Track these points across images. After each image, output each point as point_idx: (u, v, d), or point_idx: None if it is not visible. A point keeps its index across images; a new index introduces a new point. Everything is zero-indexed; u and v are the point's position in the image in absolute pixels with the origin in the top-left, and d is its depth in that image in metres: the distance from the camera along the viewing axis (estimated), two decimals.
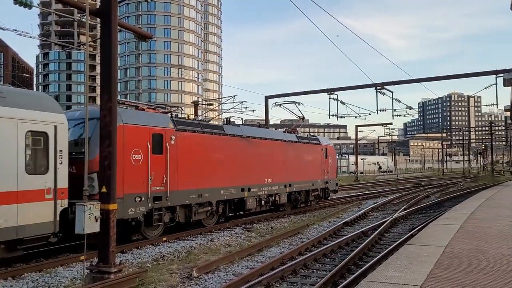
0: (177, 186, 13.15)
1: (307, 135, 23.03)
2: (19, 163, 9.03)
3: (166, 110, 14.33)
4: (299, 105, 22.91)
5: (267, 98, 33.83)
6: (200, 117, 16.68)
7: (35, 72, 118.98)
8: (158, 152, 12.60)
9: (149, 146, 12.22)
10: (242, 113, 38.10)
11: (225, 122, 17.26)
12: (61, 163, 9.81)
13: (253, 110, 38.35)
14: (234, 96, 32.94)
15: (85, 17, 8.38)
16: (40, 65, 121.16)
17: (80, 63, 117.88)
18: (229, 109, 33.43)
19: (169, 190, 12.82)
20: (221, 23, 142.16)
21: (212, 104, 41.83)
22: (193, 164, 13.90)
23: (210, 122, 17.22)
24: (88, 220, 7.60)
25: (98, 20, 8.87)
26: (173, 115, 14.21)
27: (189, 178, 13.69)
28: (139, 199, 11.85)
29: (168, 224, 13.28)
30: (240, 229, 15.28)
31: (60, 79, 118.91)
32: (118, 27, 9.10)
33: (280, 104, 22.87)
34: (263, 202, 17.56)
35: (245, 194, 16.34)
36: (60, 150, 9.83)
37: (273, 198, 18.25)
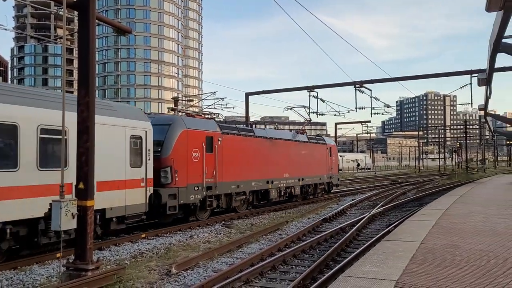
0: (222, 178, 16.36)
1: (315, 136, 26.29)
2: (126, 159, 12.19)
3: (210, 116, 17.51)
4: (308, 109, 26.94)
5: (247, 94, 33.83)
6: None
7: (9, 66, 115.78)
8: (209, 151, 15.75)
9: (203, 146, 15.41)
10: (222, 110, 37.98)
11: (250, 125, 21.12)
12: (149, 159, 13.05)
13: (234, 107, 38.26)
14: (214, 92, 32.83)
15: (62, 9, 8.21)
16: (15, 59, 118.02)
17: (57, 57, 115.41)
18: (210, 105, 33.36)
19: (217, 181, 16.05)
20: (201, 18, 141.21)
21: (192, 100, 41.61)
22: (233, 160, 17.08)
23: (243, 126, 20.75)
24: (65, 217, 7.47)
25: (76, 13, 8.69)
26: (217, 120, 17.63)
27: (230, 172, 16.89)
28: (197, 188, 15.00)
29: (214, 209, 16.24)
30: (220, 226, 15.27)
31: (36, 73, 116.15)
32: (97, 20, 8.95)
33: (291, 108, 25.19)
34: (282, 193, 20.67)
35: (269, 186, 19.52)
36: (148, 150, 13.03)
37: (290, 190, 21.34)
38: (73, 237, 9.07)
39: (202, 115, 17.27)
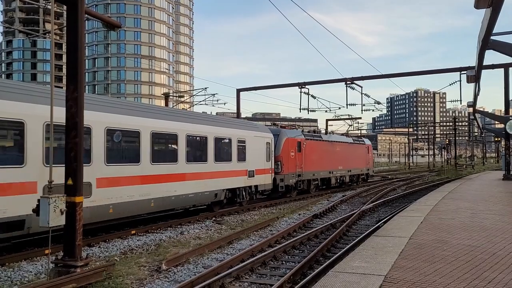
0: (306, 169, 24.19)
1: (356, 137, 36.03)
2: (264, 156, 20.05)
3: (296, 127, 26.45)
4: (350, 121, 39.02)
5: (238, 91, 33.75)
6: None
7: None
8: (299, 151, 23.45)
9: (296, 148, 23.19)
10: (213, 106, 37.82)
11: (319, 132, 29.36)
12: (272, 156, 20.85)
13: (225, 103, 38.29)
14: (205, 88, 32.76)
15: (50, 4, 8.09)
16: (3, 53, 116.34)
17: (46, 51, 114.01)
18: (201, 101, 33.22)
19: (303, 171, 23.84)
20: (192, 14, 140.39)
21: (183, 96, 41.38)
22: (311, 157, 24.86)
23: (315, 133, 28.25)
24: (53, 213, 7.39)
25: (65, 7, 8.58)
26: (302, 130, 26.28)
27: (309, 165, 24.67)
28: (293, 175, 22.72)
29: (301, 190, 24.08)
30: (211, 222, 15.26)
31: (24, 68, 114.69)
32: (86, 15, 8.85)
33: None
34: (337, 181, 28.85)
35: (330, 175, 27.65)
36: (272, 150, 21.01)
37: (342, 178, 29.58)
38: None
39: (295, 127, 26.19)
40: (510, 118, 20.16)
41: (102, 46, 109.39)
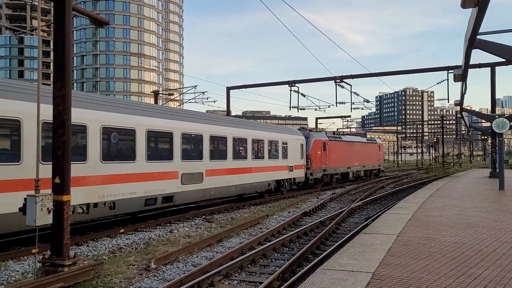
0: (329, 165, 29.16)
1: (368, 137, 42.79)
2: (300, 155, 24.93)
3: (320, 130, 32.40)
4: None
5: (228, 89, 33.67)
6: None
7: None
8: (324, 150, 28.20)
9: (322, 148, 27.94)
10: (203, 104, 37.79)
11: (333, 132, 36.03)
12: (304, 155, 25.54)
13: (215, 101, 38.01)
14: (195, 86, 32.61)
15: (37, 0, 7.99)
16: None
17: (33, 49, 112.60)
18: (190, 99, 33.11)
19: (327, 167, 28.75)
20: (182, 11, 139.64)
21: (173, 94, 41.17)
22: (333, 155, 29.76)
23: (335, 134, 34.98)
24: (40, 212, 7.31)
25: (52, 4, 8.48)
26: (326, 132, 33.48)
27: (332, 162, 29.67)
28: (319, 170, 27.55)
29: (326, 182, 29.32)
30: (200, 220, 15.23)
31: (11, 65, 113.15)
32: (73, 11, 8.75)
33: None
34: (354, 175, 34.45)
35: (348, 170, 33.04)
36: (304, 150, 25.61)
37: (358, 173, 35.38)
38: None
39: (321, 130, 32.31)
40: (497, 116, 20.43)
41: (91, 44, 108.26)
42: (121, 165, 12.46)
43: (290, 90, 30.12)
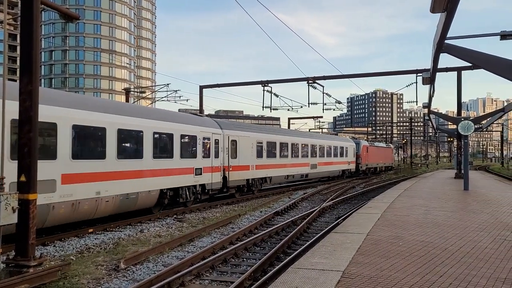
0: (368, 162, 45.81)
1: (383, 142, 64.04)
2: (353, 154, 42.83)
3: (365, 138, 64.31)
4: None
5: (201, 87, 33.47)
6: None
7: None
8: (366, 152, 44.65)
9: (366, 150, 44.72)
10: (175, 102, 37.35)
11: (370, 140, 61.03)
12: (355, 154, 43.05)
13: (187, 100, 37.74)
14: (167, 84, 32.23)
15: None
16: None
17: None
18: (163, 97, 32.72)
19: (368, 163, 45.59)
20: (155, 9, 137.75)
21: (144, 92, 40.56)
22: (369, 155, 45.80)
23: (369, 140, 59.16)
24: (5, 211, 7.07)
25: None
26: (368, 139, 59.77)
27: (371, 160, 46.53)
28: (365, 165, 44.75)
29: (365, 173, 45.39)
30: (172, 220, 15.08)
31: None
32: (42, 5, 8.50)
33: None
34: (381, 169, 52.18)
35: (377, 166, 50.06)
36: (356, 151, 43.54)
37: (381, 168, 52.20)
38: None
39: (364, 139, 55.03)
40: (462, 119, 21.11)
41: (60, 39, 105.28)
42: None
43: (263, 90, 30.22)
